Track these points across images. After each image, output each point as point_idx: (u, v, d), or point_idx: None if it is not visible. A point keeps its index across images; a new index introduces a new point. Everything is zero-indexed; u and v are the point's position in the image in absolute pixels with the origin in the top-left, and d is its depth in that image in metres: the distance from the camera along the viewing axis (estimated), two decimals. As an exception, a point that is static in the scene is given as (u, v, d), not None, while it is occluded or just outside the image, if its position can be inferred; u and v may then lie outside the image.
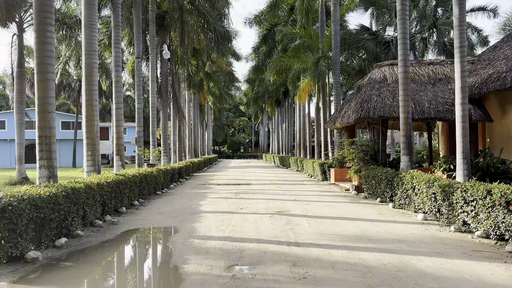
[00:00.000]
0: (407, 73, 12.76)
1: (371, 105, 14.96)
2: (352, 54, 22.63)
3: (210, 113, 64.47)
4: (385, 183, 12.17)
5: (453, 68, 16.30)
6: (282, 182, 20.28)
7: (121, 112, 15.34)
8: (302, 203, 12.34)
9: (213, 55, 30.59)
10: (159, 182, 16.56)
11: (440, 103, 14.99)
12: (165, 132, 24.27)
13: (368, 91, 15.77)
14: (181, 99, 31.23)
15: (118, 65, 15.40)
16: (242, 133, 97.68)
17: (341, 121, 17.06)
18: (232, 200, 13.20)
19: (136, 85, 18.74)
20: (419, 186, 9.97)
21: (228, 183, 20.20)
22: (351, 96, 17.90)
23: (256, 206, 11.72)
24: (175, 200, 13.63)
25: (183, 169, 23.07)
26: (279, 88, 44.01)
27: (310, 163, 24.65)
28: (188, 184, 20.35)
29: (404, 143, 12.74)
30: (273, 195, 14.75)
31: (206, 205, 12.15)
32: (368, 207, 11.47)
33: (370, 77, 16.69)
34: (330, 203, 12.18)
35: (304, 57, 22.96)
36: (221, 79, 50.07)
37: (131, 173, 12.87)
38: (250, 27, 36.88)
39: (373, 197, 13.23)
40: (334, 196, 14.07)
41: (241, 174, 28.23)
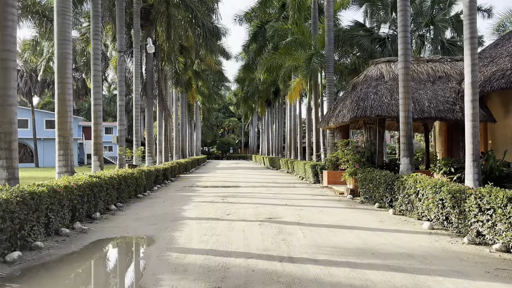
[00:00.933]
0: (407, 69, 11.88)
1: (368, 103, 14.06)
2: (345, 52, 21.76)
3: (199, 113, 63.30)
4: (384, 187, 11.26)
5: (453, 66, 15.53)
6: (272, 185, 19.30)
7: (99, 109, 14.21)
8: (294, 208, 11.36)
9: (202, 52, 29.52)
10: (141, 184, 15.46)
11: (441, 102, 14.15)
12: (150, 132, 23.13)
13: (365, 88, 14.88)
14: (168, 97, 30.09)
15: (97, 58, 14.28)
16: (231, 134, 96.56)
17: (335, 120, 16.14)
18: (218, 205, 12.17)
19: (118, 81, 17.61)
20: (423, 191, 9.06)
21: (215, 186, 19.16)
22: (345, 94, 17.01)
23: (245, 212, 10.71)
24: (156, 204, 12.55)
25: (169, 170, 21.96)
26: (270, 88, 43.07)
27: (301, 164, 23.72)
28: (173, 186, 19.25)
29: (405, 144, 11.85)
30: (263, 199, 13.76)
31: (190, 210, 11.10)
32: (366, 213, 10.53)
33: (366, 74, 15.81)
34: (325, 209, 11.21)
35: (296, 54, 22.03)
36: (210, 78, 48.99)
37: (108, 175, 11.77)
38: (240, 24, 35.93)
39: (370, 202, 12.32)
40: (328, 201, 13.12)
41: (229, 175, 27.19)
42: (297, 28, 22.21)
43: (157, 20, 21.46)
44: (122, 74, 17.79)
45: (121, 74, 17.68)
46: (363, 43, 19.91)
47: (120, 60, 17.44)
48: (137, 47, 19.89)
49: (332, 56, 20.26)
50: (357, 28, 20.60)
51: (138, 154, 17.17)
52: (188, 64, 38.77)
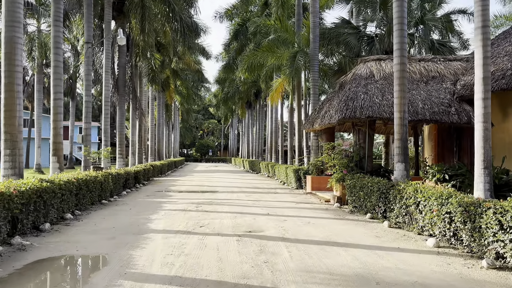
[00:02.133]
0: (404, 65, 10.77)
1: (358, 103, 12.92)
2: (331, 50, 20.64)
3: (177, 114, 61.53)
4: (377, 196, 10.09)
5: (447, 66, 14.61)
6: (252, 190, 17.98)
7: (60, 104, 12.62)
8: (277, 218, 10.06)
9: (179, 49, 28.02)
10: (107, 188, 13.93)
11: (435, 103, 13.13)
12: (121, 131, 21.50)
13: (354, 88, 13.74)
14: (143, 96, 28.46)
15: (58, 46, 12.69)
16: (211, 136, 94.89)
17: (320, 122, 14.95)
18: (191, 214, 10.77)
19: (85, 74, 16.02)
20: (426, 202, 7.90)
21: (190, 190, 17.72)
22: (332, 94, 15.87)
23: (221, 223, 9.35)
24: (121, 212, 11.07)
25: (141, 173, 20.38)
26: (251, 89, 41.84)
27: (283, 169, 22.49)
28: (144, 190, 17.71)
29: (400, 148, 10.72)
30: (242, 206, 12.42)
31: (158, 221, 9.67)
32: (358, 225, 9.32)
33: (355, 73, 14.69)
34: (312, 220, 9.96)
35: (279, 51, 20.82)
36: (189, 78, 47.42)
37: (65, 179, 10.24)
38: (220, 21, 34.59)
39: (361, 211, 11.14)
40: (314, 210, 11.88)
41: (207, 179, 25.75)
42: (280, 25, 21.03)
43: (131, 11, 19.92)
44: (90, 68, 16.19)
45: (88, 68, 16.07)
46: (350, 41, 18.82)
47: (88, 52, 15.84)
48: (108, 39, 18.31)
49: (317, 54, 19.13)
50: (344, 26, 19.53)
51: (105, 155, 15.60)
52: (166, 63, 37.13)
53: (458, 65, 14.64)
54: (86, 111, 15.91)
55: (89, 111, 15.93)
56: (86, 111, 15.91)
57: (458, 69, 14.39)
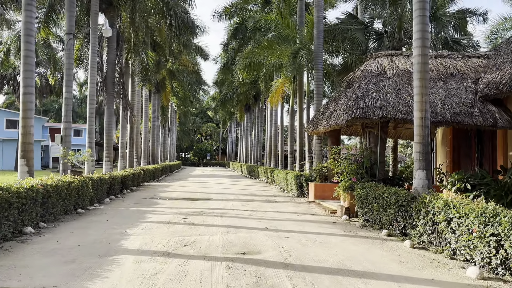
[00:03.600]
0: (426, 56, 9.27)
1: (369, 102, 11.40)
2: (336, 48, 19.15)
3: (174, 117, 60.09)
4: (395, 209, 8.56)
5: (466, 63, 13.15)
6: (249, 198, 16.42)
7: (31, 99, 11.08)
8: (278, 235, 8.51)
9: (174, 46, 26.50)
10: (86, 195, 12.38)
11: (456, 103, 11.62)
12: (108, 133, 19.96)
13: (364, 85, 12.24)
14: (135, 96, 26.93)
15: (30, 34, 11.16)
16: (209, 140, 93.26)
17: (326, 123, 13.45)
18: (176, 228, 9.21)
19: (66, 69, 14.49)
20: (462, 220, 6.38)
21: (181, 198, 16.16)
22: (338, 93, 14.37)
23: (210, 241, 7.80)
24: (95, 225, 9.51)
25: (129, 178, 18.82)
26: (249, 91, 40.38)
27: (283, 174, 20.95)
28: (130, 197, 16.15)
29: (420, 152, 9.20)
30: (236, 218, 10.86)
31: (135, 237, 8.11)
32: (375, 245, 7.77)
33: (364, 70, 13.20)
34: (319, 237, 8.40)
35: (280, 49, 19.34)
36: (186, 79, 45.93)
37: (28, 185, 8.68)
38: (219, 20, 33.19)
39: (374, 226, 9.60)
40: (319, 223, 10.32)
41: (202, 184, 24.18)
42: (281, 20, 19.58)
43: (120, 3, 18.44)
44: (71, 62, 14.65)
45: (69, 61, 14.53)
46: (357, 38, 17.33)
47: (69, 44, 14.32)
48: (95, 31, 16.80)
49: (321, 52, 17.65)
50: (350, 21, 18.05)
51: (84, 158, 14.01)
52: (162, 63, 35.74)
53: (479, 62, 13.14)
54: (66, 109, 14.36)
55: (69, 109, 14.39)
56: (66, 109, 14.36)
57: (479, 66, 12.90)
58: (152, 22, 26.07)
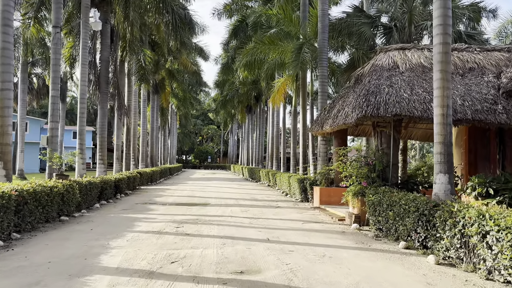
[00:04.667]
0: (447, 45, 8.25)
1: (381, 98, 10.35)
2: (342, 43, 18.09)
3: (175, 119, 59.15)
4: (414, 219, 7.50)
5: (486, 56, 12.08)
6: (249, 203, 15.37)
7: (9, 96, 10.06)
8: (281, 248, 7.46)
9: (172, 43, 25.51)
10: (71, 201, 11.35)
11: (477, 99, 10.57)
12: (102, 134, 18.96)
13: (375, 80, 11.19)
14: (132, 96, 25.93)
15: (7, 24, 10.16)
16: (210, 142, 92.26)
17: (332, 123, 12.40)
18: (167, 239, 8.17)
19: (52, 64, 13.49)
20: (502, 234, 5.33)
21: (178, 203, 15.12)
22: (345, 90, 13.32)
23: (203, 256, 6.75)
24: (76, 235, 8.47)
25: (124, 182, 17.77)
26: (251, 92, 39.41)
27: (285, 178, 19.88)
28: (123, 202, 15.12)
29: (442, 154, 8.14)
30: (234, 227, 9.81)
31: (117, 251, 7.07)
32: (393, 261, 6.70)
33: (374, 64, 12.15)
34: (328, 251, 7.34)
35: (282, 45, 18.32)
36: (186, 80, 44.99)
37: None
38: (219, 19, 32.19)
39: (389, 237, 8.53)
40: (327, 233, 9.25)
41: (201, 188, 23.14)
42: (284, 15, 18.54)
43: (114, -5, 17.47)
44: (58, 57, 13.66)
45: (56, 57, 13.54)
46: (364, 32, 16.28)
47: (55, 38, 13.32)
48: (86, 26, 15.81)
49: (326, 47, 16.60)
50: (357, 14, 16.97)
51: (69, 160, 12.95)
52: (161, 63, 34.82)
53: (500, 55, 12.08)
54: (53, 108, 13.35)
55: (56, 108, 13.38)
56: (53, 108, 13.35)
57: (501, 60, 11.84)
58: (149, 19, 25.16)
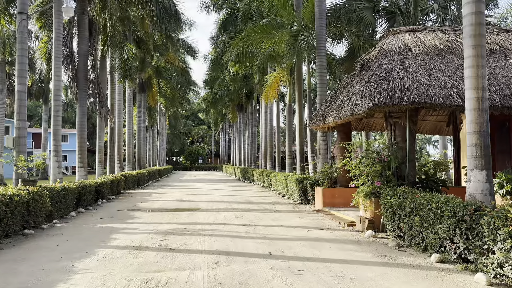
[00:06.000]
0: (481, 16, 6.87)
1: (396, 84, 8.97)
2: (341, 30, 16.69)
3: (164, 119, 57.42)
4: (449, 225, 6.10)
5: (508, 37, 10.73)
6: (244, 207, 13.91)
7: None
8: (288, 267, 6.00)
9: (158, 37, 23.94)
10: (40, 210, 9.81)
11: (505, 84, 9.24)
12: (81, 135, 17.35)
13: (385, 65, 9.81)
14: (115, 94, 24.31)
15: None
16: (201, 143, 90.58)
17: (336, 115, 10.99)
18: (147, 256, 6.67)
19: (18, 55, 11.89)
20: None
21: (164, 208, 13.61)
22: (350, 78, 11.90)
23: (189, 281, 5.28)
24: (35, 255, 6.93)
25: (106, 186, 16.18)
26: (242, 89, 37.91)
27: (282, 178, 18.45)
28: (104, 209, 13.56)
29: (478, 146, 6.78)
30: (229, 238, 8.33)
31: (81, 277, 5.56)
32: (434, 283, 5.29)
33: (383, 48, 10.77)
34: (346, 269, 5.90)
35: (276, 34, 16.88)
36: (174, 78, 43.38)
37: None
38: (206, 12, 30.74)
39: (414, 246, 7.12)
40: (339, 243, 7.81)
41: (191, 191, 21.62)
42: (276, 0, 17.09)
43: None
44: (24, 47, 12.06)
45: (22, 47, 11.94)
46: (365, 17, 14.93)
47: (21, 26, 11.72)
48: (58, 15, 14.22)
49: (324, 34, 15.19)
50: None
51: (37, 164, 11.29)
52: (148, 60, 33.25)
53: (522, 36, 10.80)
54: (19, 104, 11.77)
55: (23, 104, 11.80)
56: (19, 104, 11.77)
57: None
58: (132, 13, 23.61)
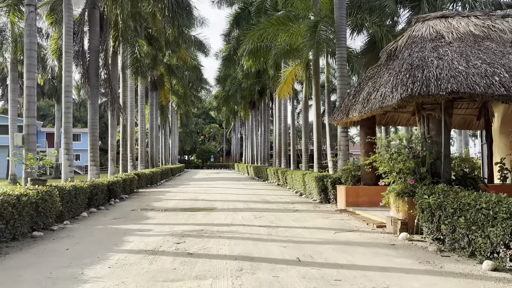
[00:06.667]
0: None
1: (431, 73, 8.22)
2: (362, 20, 15.90)
3: (176, 118, 57.09)
4: (504, 229, 5.38)
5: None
6: (262, 207, 13.27)
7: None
8: (321, 275, 5.34)
9: (170, 31, 23.41)
10: (51, 211, 9.32)
11: (551, 72, 8.42)
12: (93, 133, 16.88)
13: (417, 53, 9.06)
14: (128, 91, 23.85)
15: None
16: (212, 142, 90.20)
17: (361, 108, 10.28)
18: (163, 262, 6.06)
19: (26, 49, 11.41)
20: None
21: (179, 208, 13.04)
22: (375, 69, 11.14)
23: (212, 293, 4.66)
24: (44, 259, 6.38)
25: (118, 185, 15.68)
26: (254, 86, 37.26)
27: (299, 176, 17.76)
28: (117, 209, 13.05)
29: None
30: (250, 241, 7.69)
31: (92, 285, 4.98)
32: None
33: (412, 35, 10.02)
34: (388, 279, 5.22)
35: (293, 26, 16.18)
36: (186, 76, 42.88)
37: None
38: (219, 7, 30.14)
39: (457, 251, 6.40)
40: (372, 247, 7.12)
41: (205, 190, 21.05)
42: (293, -9, 16.39)
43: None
44: (33, 40, 11.57)
45: (30, 40, 11.46)
46: (388, 5, 14.15)
47: (29, 18, 11.23)
48: (69, 9, 13.73)
49: (344, 24, 14.45)
50: (379, -15, 14.84)
51: (46, 162, 10.79)
52: (159, 58, 32.80)
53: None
54: (28, 100, 11.29)
55: (32, 100, 11.32)
56: (28, 100, 11.29)
57: None
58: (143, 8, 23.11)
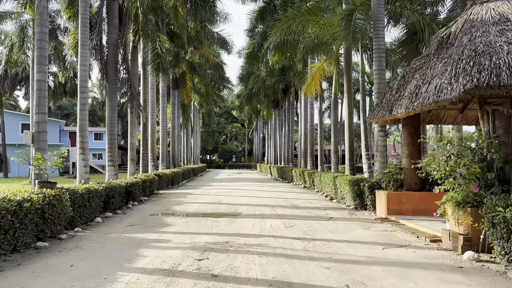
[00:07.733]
0: None
1: (501, 60, 6.87)
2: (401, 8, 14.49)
3: (198, 117, 56.41)
4: None
5: None
6: (291, 213, 12.08)
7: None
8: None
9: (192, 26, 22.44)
10: (59, 217, 8.40)
11: None
12: (111, 131, 16.05)
13: (479, 37, 7.71)
14: (148, 88, 23.03)
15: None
16: (234, 141, 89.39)
17: (409, 103, 8.95)
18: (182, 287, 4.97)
19: (37, 39, 10.55)
20: None
21: (201, 213, 11.99)
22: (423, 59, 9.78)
23: None
24: (41, 280, 5.38)
25: (137, 187, 14.78)
26: (278, 84, 36.00)
27: (329, 179, 16.47)
28: (134, 213, 12.09)
29: None
30: (285, 260, 6.52)
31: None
32: None
33: (469, 19, 8.65)
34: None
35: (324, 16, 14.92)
36: (208, 74, 42.04)
37: None
38: (243, 2, 28.99)
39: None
40: (436, 271, 5.84)
41: (227, 191, 19.99)
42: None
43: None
44: (44, 31, 10.69)
45: (41, 30, 10.59)
46: (432, -9, 12.81)
47: (40, 7, 10.36)
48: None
49: (382, 13, 13.12)
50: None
51: (55, 163, 9.85)
52: (181, 55, 31.95)
53: None
54: (39, 95, 10.44)
55: (42, 95, 10.47)
56: (39, 95, 10.44)
57: None
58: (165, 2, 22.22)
